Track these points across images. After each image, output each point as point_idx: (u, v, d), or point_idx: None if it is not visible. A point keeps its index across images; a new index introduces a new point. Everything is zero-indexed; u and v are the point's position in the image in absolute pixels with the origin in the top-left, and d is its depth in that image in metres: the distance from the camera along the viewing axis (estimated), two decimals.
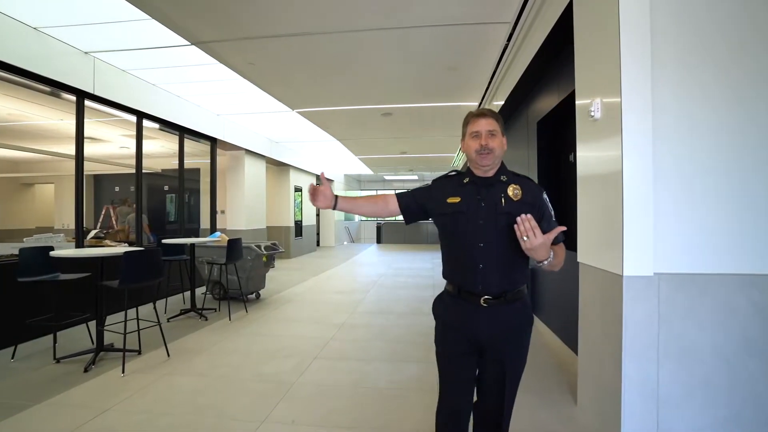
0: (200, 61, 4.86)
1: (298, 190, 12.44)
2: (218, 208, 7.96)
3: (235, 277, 5.57)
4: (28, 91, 4.75)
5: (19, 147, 8.04)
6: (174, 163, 6.95)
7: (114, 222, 9.00)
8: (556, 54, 3.69)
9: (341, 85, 5.84)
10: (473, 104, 6.85)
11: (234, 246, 5.06)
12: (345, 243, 18.12)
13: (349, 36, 4.17)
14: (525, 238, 1.39)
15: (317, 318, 5.07)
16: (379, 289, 7.10)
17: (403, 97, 6.45)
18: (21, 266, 3.65)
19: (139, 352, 3.70)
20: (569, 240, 1.75)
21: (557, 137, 4.36)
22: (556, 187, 4.32)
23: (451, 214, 1.60)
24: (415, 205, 1.73)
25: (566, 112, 4.02)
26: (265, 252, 5.86)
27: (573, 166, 4.05)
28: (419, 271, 9.46)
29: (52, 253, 3.55)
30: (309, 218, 13.51)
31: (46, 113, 6.15)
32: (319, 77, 5.47)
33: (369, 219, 21.52)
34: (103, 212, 9.12)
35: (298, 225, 12.53)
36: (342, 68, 5.12)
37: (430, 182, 1.76)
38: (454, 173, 1.71)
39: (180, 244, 5.28)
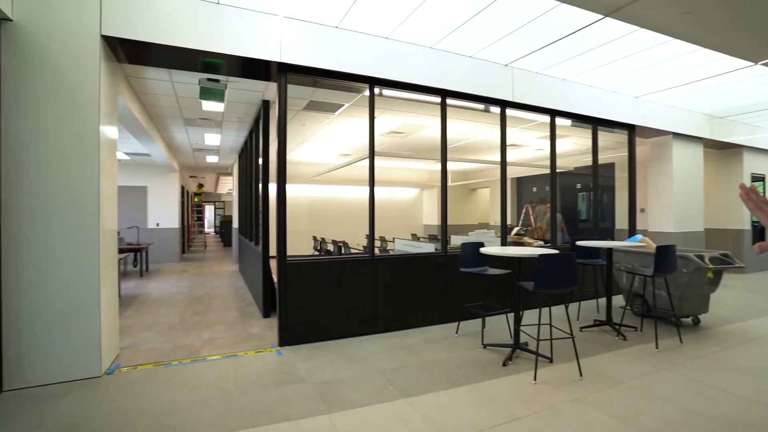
0: (613, 36, 4.18)
1: (757, 179, 8.94)
2: (637, 206, 6.84)
3: (664, 293, 4.46)
4: (469, 112, 5.78)
5: (466, 159, 10.31)
6: (585, 161, 6.55)
7: (532, 220, 9.75)
8: None
9: None
10: None
11: (665, 254, 3.99)
12: None
13: None
14: None
15: None
16: None
17: None
18: (461, 258, 4.35)
19: (551, 360, 3.54)
20: None
21: None
22: None
23: None
24: None
25: None
26: (710, 265, 4.35)
27: None
28: None
29: (481, 250, 3.99)
30: None
31: (480, 128, 7.35)
32: None
33: None
34: (523, 211, 10.09)
35: (756, 228, 8.98)
36: None
37: None
38: None
39: (595, 248, 4.78)
